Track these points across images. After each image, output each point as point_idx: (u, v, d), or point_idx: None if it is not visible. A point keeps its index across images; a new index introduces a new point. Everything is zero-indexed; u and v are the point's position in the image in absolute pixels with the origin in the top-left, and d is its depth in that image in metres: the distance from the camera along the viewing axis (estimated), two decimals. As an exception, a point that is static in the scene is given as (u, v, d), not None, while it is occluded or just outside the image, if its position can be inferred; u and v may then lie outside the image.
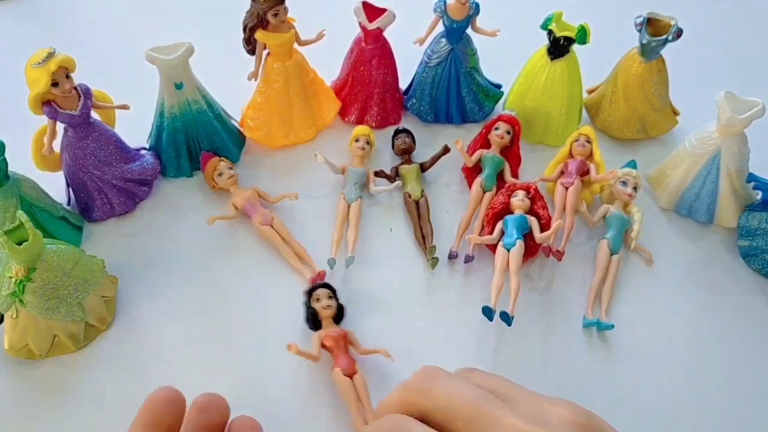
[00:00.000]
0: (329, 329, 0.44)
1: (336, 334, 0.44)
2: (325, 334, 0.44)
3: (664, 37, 0.56)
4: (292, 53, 0.58)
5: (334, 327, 0.45)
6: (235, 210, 0.54)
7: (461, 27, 0.58)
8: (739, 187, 0.54)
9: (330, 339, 0.44)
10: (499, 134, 0.57)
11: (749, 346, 0.49)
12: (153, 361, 0.47)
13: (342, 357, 0.44)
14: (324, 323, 0.45)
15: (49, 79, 0.47)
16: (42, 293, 0.44)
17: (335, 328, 0.45)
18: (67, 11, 0.80)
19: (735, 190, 0.54)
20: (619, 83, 0.60)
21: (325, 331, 0.44)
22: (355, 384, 0.43)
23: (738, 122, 0.50)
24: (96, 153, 0.53)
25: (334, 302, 0.45)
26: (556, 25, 0.57)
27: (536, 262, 0.53)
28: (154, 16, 0.78)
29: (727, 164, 0.53)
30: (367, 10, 0.58)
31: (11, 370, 0.46)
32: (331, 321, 0.45)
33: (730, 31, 0.78)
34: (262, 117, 0.60)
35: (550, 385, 0.46)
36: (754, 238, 0.53)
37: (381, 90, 0.62)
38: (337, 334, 0.44)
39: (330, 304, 0.44)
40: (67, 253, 0.45)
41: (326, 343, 0.44)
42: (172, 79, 0.54)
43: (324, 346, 0.44)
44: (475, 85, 0.63)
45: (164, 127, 0.57)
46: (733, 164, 0.53)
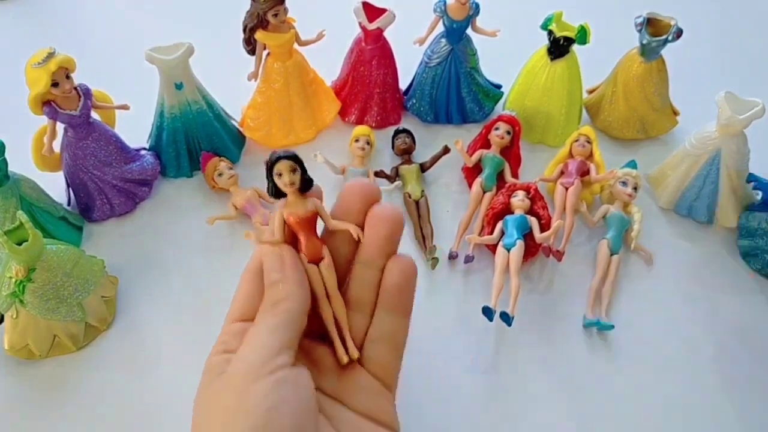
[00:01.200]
0: (294, 207, 0.36)
1: (302, 213, 0.35)
2: (288, 213, 0.35)
3: (664, 37, 0.56)
4: (292, 53, 0.58)
5: (301, 202, 0.36)
6: (235, 210, 0.54)
7: (461, 27, 0.58)
8: (739, 187, 0.54)
9: (294, 217, 0.36)
10: (499, 134, 0.57)
11: (749, 346, 0.49)
12: (153, 361, 0.47)
13: (307, 241, 0.36)
14: (289, 198, 0.36)
15: (49, 79, 0.47)
16: (42, 293, 0.44)
17: (301, 205, 0.36)
18: (67, 11, 0.80)
19: (735, 190, 0.54)
20: (619, 83, 0.60)
21: (288, 209, 0.35)
22: (321, 271, 0.36)
23: (738, 122, 0.50)
24: (96, 153, 0.53)
25: (297, 177, 0.35)
26: (556, 25, 0.57)
27: (536, 262, 0.53)
28: (154, 16, 0.78)
29: (727, 164, 0.53)
30: (367, 10, 0.59)
31: (11, 370, 0.46)
32: (296, 195, 0.36)
33: (730, 31, 0.78)
34: (262, 117, 0.60)
35: (550, 385, 0.46)
36: (754, 238, 0.53)
37: (381, 90, 0.62)
38: (303, 214, 0.35)
39: (293, 180, 0.35)
40: (67, 254, 0.45)
41: (290, 222, 0.36)
42: (172, 79, 0.54)
43: (288, 225, 0.36)
44: (475, 85, 0.63)
45: (164, 127, 0.57)
46: (733, 164, 0.53)
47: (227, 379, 0.30)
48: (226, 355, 0.32)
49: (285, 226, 0.36)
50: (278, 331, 0.31)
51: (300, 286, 0.34)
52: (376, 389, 0.35)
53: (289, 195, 0.35)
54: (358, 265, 0.36)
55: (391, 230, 0.35)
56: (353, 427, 0.33)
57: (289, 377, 0.30)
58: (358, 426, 0.34)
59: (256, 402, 0.28)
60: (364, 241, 0.35)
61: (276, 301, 0.33)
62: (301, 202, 0.35)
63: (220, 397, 0.30)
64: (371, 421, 0.34)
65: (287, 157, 0.34)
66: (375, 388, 0.35)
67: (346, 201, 0.36)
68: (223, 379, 0.31)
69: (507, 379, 0.47)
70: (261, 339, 0.31)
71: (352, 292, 0.36)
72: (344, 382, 0.35)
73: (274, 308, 0.32)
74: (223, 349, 0.33)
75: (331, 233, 0.36)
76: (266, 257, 0.34)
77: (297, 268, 0.34)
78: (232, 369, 0.31)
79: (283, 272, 0.33)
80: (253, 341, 0.31)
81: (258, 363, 0.30)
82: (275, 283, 0.33)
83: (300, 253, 0.36)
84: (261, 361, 0.30)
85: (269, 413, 0.28)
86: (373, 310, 0.36)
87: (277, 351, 0.30)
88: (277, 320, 0.32)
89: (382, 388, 0.36)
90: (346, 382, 0.35)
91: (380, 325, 0.35)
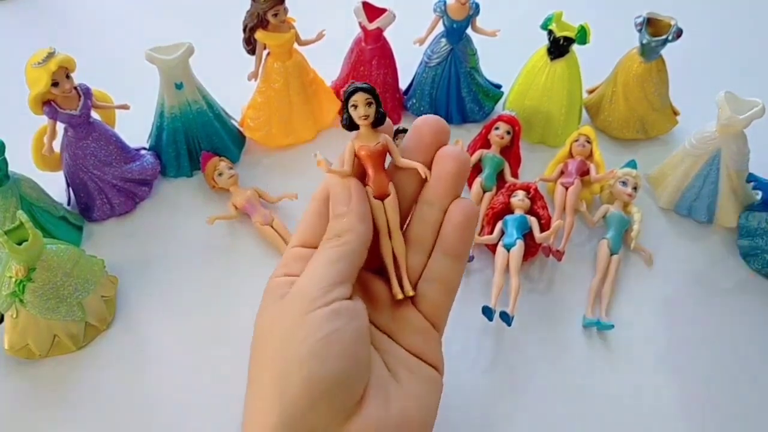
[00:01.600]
0: (366, 140, 0.35)
1: (374, 147, 0.35)
2: (359, 146, 0.35)
3: (664, 37, 0.56)
4: (292, 53, 0.58)
5: (373, 136, 0.36)
6: (235, 210, 0.54)
7: (461, 27, 0.58)
8: (739, 187, 0.54)
9: (366, 150, 0.35)
10: (499, 134, 0.57)
11: (749, 346, 0.49)
12: (153, 361, 0.47)
13: (375, 175, 0.36)
14: (362, 131, 0.36)
15: (49, 79, 0.47)
16: (42, 293, 0.44)
17: (373, 138, 0.35)
18: (67, 11, 0.80)
19: (735, 190, 0.54)
20: (619, 83, 0.60)
21: (360, 141, 0.35)
22: (385, 207, 0.36)
23: (738, 122, 0.50)
24: (96, 153, 0.53)
25: (372, 110, 0.35)
26: (556, 25, 0.57)
27: (536, 262, 0.53)
28: (154, 16, 0.78)
29: (726, 164, 0.53)
30: (367, 10, 0.59)
31: (11, 370, 0.46)
32: (369, 129, 0.36)
33: (730, 31, 0.78)
34: (262, 117, 0.60)
35: (550, 384, 0.46)
36: (754, 238, 0.53)
37: (381, 90, 0.62)
38: (374, 148, 0.35)
39: (367, 114, 0.35)
40: (67, 253, 0.45)
41: (360, 155, 0.36)
42: (172, 79, 0.54)
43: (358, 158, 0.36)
44: (475, 85, 0.63)
45: (164, 127, 0.57)
46: (732, 164, 0.53)
47: (286, 304, 0.31)
48: (286, 278, 0.33)
49: (355, 159, 0.36)
50: (338, 263, 0.32)
51: (363, 220, 0.34)
52: (425, 328, 0.36)
53: (362, 127, 0.35)
54: (422, 203, 0.36)
55: (459, 169, 0.35)
56: (402, 363, 0.34)
57: (343, 309, 0.31)
58: (406, 362, 0.34)
59: (310, 331, 0.29)
60: (431, 179, 0.35)
61: (339, 232, 0.33)
62: (373, 136, 0.35)
63: (277, 322, 0.31)
64: (419, 359, 0.35)
65: (364, 90, 0.34)
66: (425, 327, 0.36)
67: (418, 132, 0.35)
68: (283, 303, 0.32)
69: (506, 379, 0.47)
70: (320, 270, 0.32)
71: (413, 230, 0.36)
72: (396, 319, 0.35)
73: (336, 240, 0.33)
74: (284, 272, 0.34)
75: (398, 170, 0.36)
76: (334, 188, 0.35)
77: (363, 202, 0.34)
78: (291, 296, 0.32)
79: (348, 205, 0.34)
80: (312, 271, 0.32)
81: (315, 294, 0.31)
82: (340, 215, 0.34)
83: (366, 187, 0.35)
84: (318, 292, 0.31)
85: (321, 342, 0.29)
86: (431, 250, 0.36)
87: (334, 283, 0.31)
88: (338, 252, 0.32)
89: (431, 327, 0.36)
90: (399, 319, 0.35)
91: (436, 266, 0.36)
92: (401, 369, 0.34)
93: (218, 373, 0.46)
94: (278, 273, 0.34)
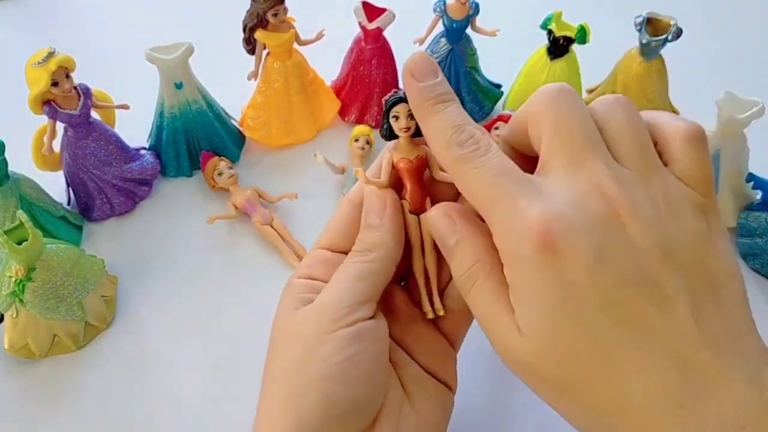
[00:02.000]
0: (405, 152, 0.34)
1: (414, 159, 0.34)
2: (398, 158, 0.34)
3: (664, 37, 0.56)
4: (291, 53, 0.58)
5: (413, 148, 0.34)
6: (235, 209, 0.54)
7: (461, 27, 0.58)
8: (739, 187, 0.54)
9: (405, 163, 0.34)
10: (499, 134, 0.57)
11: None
12: (153, 360, 0.47)
13: (413, 189, 0.34)
14: (401, 142, 0.34)
15: (49, 79, 0.47)
16: (42, 293, 0.44)
17: (414, 150, 0.34)
18: (67, 11, 0.80)
19: (734, 190, 0.54)
20: (619, 83, 0.60)
21: (399, 153, 0.34)
22: (420, 222, 0.34)
23: (737, 122, 0.50)
24: (96, 153, 0.53)
25: (414, 122, 0.33)
26: (556, 24, 0.57)
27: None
28: (154, 16, 0.78)
29: (726, 164, 0.53)
30: (367, 10, 0.59)
31: (11, 370, 0.46)
32: (408, 140, 0.34)
33: (730, 31, 0.78)
34: (262, 117, 0.60)
35: (549, 384, 0.46)
36: (753, 238, 0.53)
37: (381, 90, 0.62)
38: (414, 161, 0.34)
39: (409, 126, 0.33)
40: (67, 253, 0.45)
41: (399, 167, 0.34)
42: (172, 79, 0.54)
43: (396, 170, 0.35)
44: (475, 85, 0.63)
45: (164, 127, 0.57)
46: (732, 164, 0.52)
47: (308, 318, 0.31)
48: (308, 281, 0.33)
49: (392, 171, 0.34)
50: (365, 280, 0.31)
51: (396, 236, 0.33)
52: (442, 346, 0.35)
53: (402, 139, 0.34)
54: None
55: None
56: (416, 381, 0.33)
57: (366, 330, 0.30)
58: (420, 379, 0.34)
59: (332, 351, 0.29)
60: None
61: (369, 246, 0.32)
62: (414, 148, 0.34)
63: (299, 335, 0.30)
64: (433, 377, 0.34)
65: (407, 101, 0.33)
66: (441, 344, 0.35)
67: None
68: (305, 315, 0.31)
69: (506, 379, 0.46)
70: (345, 285, 0.31)
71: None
72: (414, 333, 0.35)
73: (365, 255, 0.32)
74: (307, 273, 0.33)
75: (433, 183, 0.35)
76: (369, 197, 0.34)
77: (397, 217, 0.33)
78: (315, 310, 0.31)
79: (382, 218, 0.33)
80: (339, 284, 0.31)
81: (338, 313, 0.30)
82: (372, 227, 0.33)
83: (402, 200, 0.34)
84: (341, 312, 0.30)
85: (343, 365, 0.29)
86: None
87: (358, 303, 0.31)
88: (366, 269, 0.32)
89: (448, 346, 0.36)
90: (416, 334, 0.35)
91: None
92: (415, 387, 0.33)
93: (218, 372, 0.46)
94: (301, 273, 0.34)
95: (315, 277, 0.33)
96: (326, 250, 0.34)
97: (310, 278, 0.33)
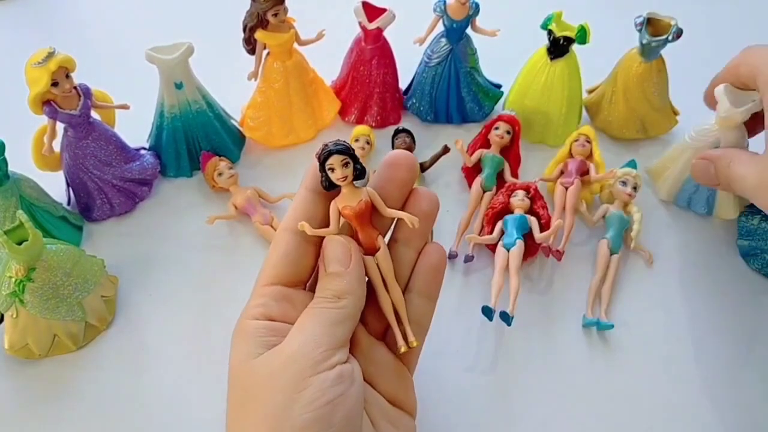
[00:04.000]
0: (349, 199, 0.35)
1: (357, 205, 0.35)
2: (343, 206, 0.35)
3: (664, 37, 0.56)
4: (292, 53, 0.58)
5: (355, 193, 0.35)
6: (235, 209, 0.54)
7: (461, 27, 0.58)
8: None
9: (349, 210, 0.35)
10: (499, 134, 0.57)
11: (749, 346, 0.49)
12: (153, 360, 0.47)
13: (363, 232, 0.35)
14: (343, 190, 0.35)
15: (49, 79, 0.47)
16: (42, 293, 0.44)
17: (356, 196, 0.35)
18: (67, 11, 0.80)
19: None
20: (619, 83, 0.60)
21: (343, 202, 0.35)
22: (378, 261, 0.36)
23: (736, 115, 0.50)
24: (96, 153, 0.53)
25: (350, 169, 0.34)
26: (556, 24, 0.57)
27: (536, 262, 0.53)
28: (154, 16, 0.78)
29: None
30: (367, 10, 0.59)
31: (11, 370, 0.46)
32: (350, 187, 0.35)
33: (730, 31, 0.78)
34: (262, 117, 0.60)
35: (549, 384, 0.46)
36: (753, 238, 0.53)
37: (381, 90, 0.62)
38: (358, 206, 0.35)
39: (345, 174, 0.34)
40: (67, 253, 0.45)
41: (345, 214, 0.35)
42: (172, 78, 0.54)
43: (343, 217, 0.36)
44: (475, 85, 0.63)
45: (164, 127, 0.57)
46: None
47: (285, 361, 0.30)
48: (267, 322, 0.32)
49: (339, 218, 0.35)
50: (339, 326, 0.32)
51: (362, 282, 0.34)
52: (400, 372, 0.36)
53: (343, 188, 0.35)
54: (395, 243, 0.37)
55: (433, 210, 0.36)
56: (384, 416, 0.34)
57: (345, 373, 0.30)
58: (385, 410, 0.34)
59: (315, 395, 0.29)
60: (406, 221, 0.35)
61: (338, 293, 0.33)
62: (356, 194, 0.35)
63: (276, 379, 0.30)
64: (397, 408, 0.35)
65: (339, 152, 0.33)
66: (400, 370, 0.36)
67: (394, 169, 0.36)
68: (280, 358, 0.30)
69: (506, 379, 0.47)
70: (322, 329, 0.31)
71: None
72: (374, 362, 0.35)
73: (334, 301, 0.32)
74: (263, 313, 0.33)
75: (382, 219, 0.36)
76: (332, 245, 0.34)
77: (360, 263, 0.34)
78: (291, 353, 0.30)
79: (348, 266, 0.33)
80: (313, 329, 0.31)
81: (318, 357, 0.30)
82: (338, 275, 0.33)
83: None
84: (321, 356, 0.30)
85: (327, 408, 0.29)
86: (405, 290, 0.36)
87: (335, 347, 0.31)
88: (339, 315, 0.32)
89: (405, 370, 0.36)
90: (376, 362, 0.35)
91: (411, 306, 0.36)
92: (383, 422, 0.34)
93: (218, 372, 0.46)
94: (254, 314, 0.33)
95: (273, 318, 0.33)
96: (277, 285, 0.34)
97: (268, 319, 0.33)
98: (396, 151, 0.37)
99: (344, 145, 0.34)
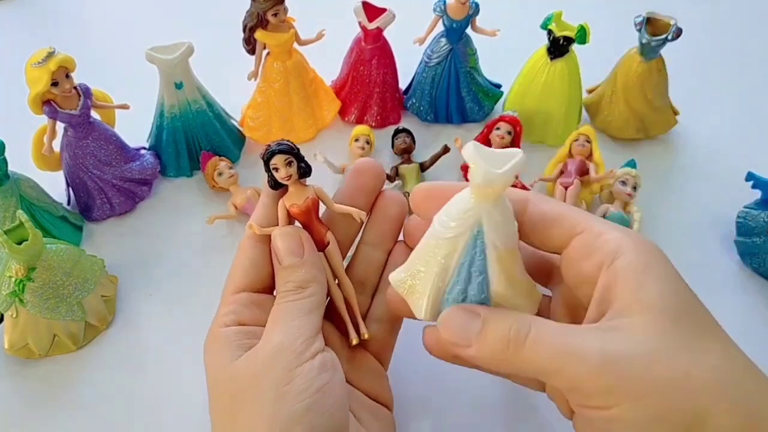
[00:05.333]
0: (295, 197, 0.36)
1: (303, 203, 0.35)
2: (290, 204, 0.36)
3: (663, 36, 0.56)
4: (291, 53, 0.58)
5: (302, 191, 0.36)
6: (235, 209, 0.54)
7: (461, 27, 0.59)
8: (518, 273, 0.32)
9: (296, 208, 0.36)
10: (500, 134, 0.57)
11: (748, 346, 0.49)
12: (153, 360, 0.47)
13: (311, 229, 0.36)
14: (290, 189, 0.36)
15: (49, 79, 0.47)
16: (42, 293, 0.44)
17: (302, 194, 0.36)
18: (67, 11, 0.80)
19: (510, 276, 0.31)
20: (619, 83, 0.60)
21: (290, 200, 0.36)
22: (327, 256, 0.36)
23: (498, 178, 0.28)
24: (96, 153, 0.53)
25: (294, 168, 0.35)
26: (556, 24, 0.57)
27: (536, 261, 0.53)
28: (154, 16, 0.78)
29: (493, 241, 0.30)
30: (367, 10, 0.59)
31: (11, 370, 0.46)
32: (296, 185, 0.36)
33: (730, 31, 0.78)
34: (262, 116, 0.60)
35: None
36: (751, 237, 0.53)
37: (381, 90, 0.62)
38: (304, 204, 0.35)
39: (289, 173, 0.34)
40: (67, 253, 0.45)
41: (293, 212, 0.36)
42: (172, 78, 0.54)
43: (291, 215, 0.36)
44: (475, 84, 0.63)
45: (164, 127, 0.57)
46: (499, 239, 0.30)
47: (267, 358, 0.30)
48: (240, 327, 0.32)
49: (288, 216, 0.36)
50: (311, 314, 0.32)
51: (321, 269, 0.34)
52: (375, 368, 0.37)
53: (289, 186, 0.35)
54: (365, 246, 0.37)
55: (401, 213, 0.37)
56: (364, 408, 0.35)
57: (328, 361, 0.31)
58: (364, 404, 0.35)
59: (304, 385, 0.29)
60: (374, 222, 0.37)
61: (301, 283, 0.33)
62: (302, 191, 0.35)
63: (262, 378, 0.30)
64: (375, 402, 0.36)
65: (281, 151, 0.34)
66: (375, 366, 0.37)
67: (360, 176, 0.37)
68: (261, 357, 0.30)
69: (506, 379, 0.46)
70: (296, 322, 0.31)
71: (357, 271, 0.37)
72: (351, 361, 0.36)
73: (299, 291, 0.33)
74: (234, 319, 0.33)
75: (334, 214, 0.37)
76: (284, 238, 0.34)
77: (314, 250, 0.35)
78: (271, 351, 0.30)
79: (302, 256, 0.34)
80: (287, 323, 0.31)
81: (299, 348, 0.30)
82: (295, 266, 0.33)
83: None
84: (302, 347, 0.30)
85: (317, 396, 0.29)
86: (375, 291, 0.37)
87: (312, 336, 0.31)
88: (308, 303, 0.32)
89: (380, 366, 0.37)
90: (353, 361, 0.36)
91: (382, 305, 0.37)
92: (365, 414, 0.34)
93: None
94: (225, 321, 0.33)
95: (246, 323, 0.33)
96: (245, 292, 0.34)
97: (240, 325, 0.33)
98: (362, 159, 0.38)
99: (287, 144, 0.34)
